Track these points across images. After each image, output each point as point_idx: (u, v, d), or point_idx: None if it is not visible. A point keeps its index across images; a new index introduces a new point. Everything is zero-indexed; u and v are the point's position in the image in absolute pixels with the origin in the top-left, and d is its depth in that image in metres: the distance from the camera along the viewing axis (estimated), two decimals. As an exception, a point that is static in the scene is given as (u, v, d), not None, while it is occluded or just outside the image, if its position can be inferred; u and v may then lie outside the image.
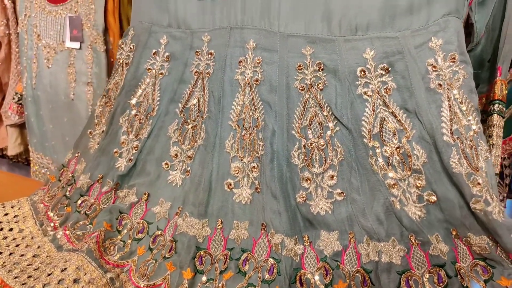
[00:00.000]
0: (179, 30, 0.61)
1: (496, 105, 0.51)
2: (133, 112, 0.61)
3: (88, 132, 0.67)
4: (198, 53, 0.58)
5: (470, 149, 0.46)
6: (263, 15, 0.54)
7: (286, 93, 0.52)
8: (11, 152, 1.58)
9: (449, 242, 0.49)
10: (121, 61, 0.66)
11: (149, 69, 0.62)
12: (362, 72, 0.49)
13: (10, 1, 1.46)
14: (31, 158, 1.54)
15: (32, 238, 0.62)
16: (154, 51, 0.62)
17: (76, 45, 1.38)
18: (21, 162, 1.66)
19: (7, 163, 1.90)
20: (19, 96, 1.51)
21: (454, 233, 0.48)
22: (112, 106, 0.64)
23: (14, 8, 1.48)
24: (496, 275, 0.47)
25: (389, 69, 0.48)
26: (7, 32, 1.49)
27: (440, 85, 0.47)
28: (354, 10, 0.49)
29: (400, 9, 0.48)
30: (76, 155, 0.67)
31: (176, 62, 0.60)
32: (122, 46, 0.66)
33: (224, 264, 0.54)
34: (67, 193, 0.66)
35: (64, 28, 1.38)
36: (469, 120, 0.47)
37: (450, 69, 0.47)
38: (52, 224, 0.64)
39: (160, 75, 0.60)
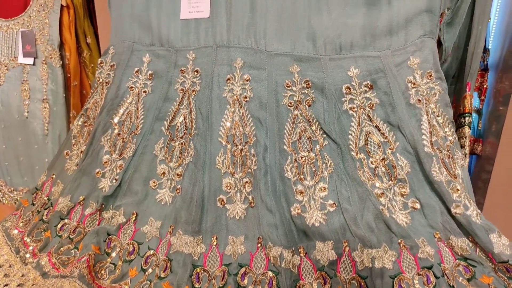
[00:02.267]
0: (163, 49, 0.61)
1: (467, 118, 0.56)
2: (116, 131, 0.60)
3: (65, 153, 0.65)
4: (183, 71, 0.59)
5: (448, 158, 0.51)
6: (249, 34, 0.56)
7: (276, 109, 0.54)
8: (-42, 175, 1.47)
9: (434, 245, 0.53)
10: (100, 80, 0.65)
11: (132, 87, 0.61)
12: (347, 89, 0.52)
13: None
14: (-19, 181, 1.45)
15: (10, 267, 0.59)
16: (136, 69, 0.62)
17: (30, 60, 1.32)
18: (-31, 185, 1.55)
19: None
20: (-34, 115, 1.42)
21: (437, 236, 0.53)
22: (91, 126, 0.63)
23: (-42, 22, 1.39)
24: (478, 273, 0.51)
25: (372, 86, 0.52)
26: (-49, 47, 1.40)
27: (419, 100, 0.51)
28: (337, 30, 0.52)
29: (380, 30, 0.52)
30: (51, 177, 0.65)
31: (160, 80, 0.60)
32: (102, 65, 0.65)
33: (222, 280, 0.55)
34: (44, 217, 0.63)
35: (16, 43, 1.32)
36: (446, 131, 0.52)
37: (427, 85, 0.52)
38: (30, 250, 0.61)
39: (144, 93, 0.60)
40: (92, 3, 1.39)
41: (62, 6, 1.30)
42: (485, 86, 1.40)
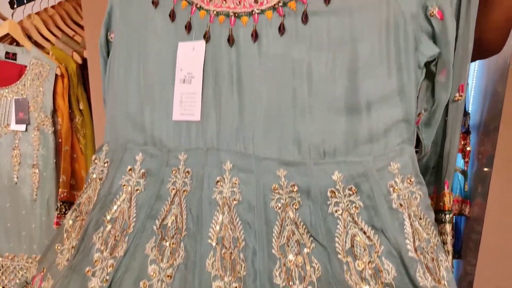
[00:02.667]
0: (155, 148, 0.63)
1: (447, 216, 0.58)
2: (108, 228, 0.61)
3: (56, 247, 0.65)
4: (174, 171, 0.61)
5: (432, 262, 0.52)
6: (238, 139, 0.58)
7: (264, 212, 0.55)
8: None
9: None
10: (94, 175, 0.66)
11: (125, 185, 0.63)
12: (332, 193, 0.54)
13: None
14: (-34, 247, 1.42)
15: None
16: (129, 167, 0.63)
17: (22, 127, 1.34)
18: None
19: None
20: (-45, 180, 1.41)
21: None
22: (83, 221, 0.64)
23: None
24: None
25: (356, 190, 0.54)
26: None
27: (401, 204, 0.53)
28: (321, 136, 0.55)
29: (361, 137, 0.55)
30: (41, 271, 0.65)
31: (152, 178, 0.62)
32: (96, 161, 0.67)
33: None
34: (32, 314, 0.63)
35: (10, 111, 1.34)
36: (428, 234, 0.54)
37: (408, 190, 0.54)
38: None
39: (136, 191, 0.61)
40: (86, 70, 1.43)
41: (56, 75, 1.33)
42: (468, 148, 1.44)
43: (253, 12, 0.59)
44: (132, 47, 0.66)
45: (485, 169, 1.40)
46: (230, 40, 0.60)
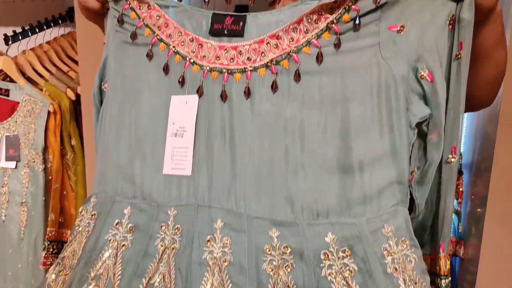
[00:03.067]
0: (144, 202, 0.61)
1: (443, 281, 0.57)
2: (91, 286, 0.59)
3: (38, 303, 0.63)
4: (163, 227, 0.59)
5: None
6: (229, 196, 0.57)
7: (256, 275, 0.54)
8: None
9: None
10: (80, 228, 0.65)
11: (111, 239, 0.61)
12: (325, 255, 0.53)
13: None
14: (-51, 287, 1.38)
15: None
16: (117, 221, 0.62)
17: (12, 164, 1.33)
18: None
19: None
20: None
21: None
22: (67, 276, 0.62)
23: None
24: None
25: (350, 252, 0.53)
26: None
27: (396, 269, 0.52)
28: (314, 195, 0.55)
29: (355, 198, 0.54)
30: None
31: (140, 234, 0.60)
32: (83, 213, 0.65)
33: None
34: None
35: (0, 147, 1.33)
36: None
37: (403, 253, 0.53)
38: None
39: (123, 247, 0.60)
40: (79, 105, 1.42)
41: (49, 112, 1.33)
42: (461, 189, 1.43)
43: (246, 69, 0.59)
44: (125, 98, 0.66)
45: (479, 209, 1.40)
46: (223, 96, 0.60)
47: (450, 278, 0.58)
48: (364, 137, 0.55)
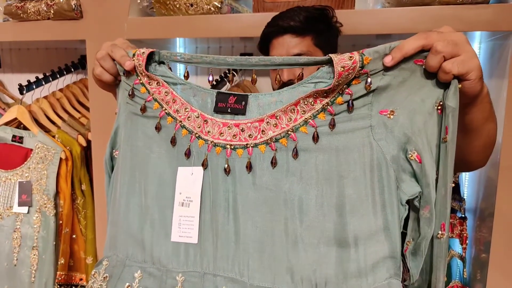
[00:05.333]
0: (154, 267, 0.65)
1: None
2: None
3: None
4: None
5: None
6: (234, 265, 0.60)
7: None
8: None
9: None
10: (92, 290, 0.68)
11: None
12: None
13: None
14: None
15: None
16: (127, 284, 0.65)
17: (24, 209, 1.37)
18: None
19: None
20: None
21: None
22: None
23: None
24: None
25: None
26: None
27: None
28: (312, 266, 0.58)
29: (351, 271, 0.57)
30: None
31: None
32: (95, 275, 0.69)
33: None
34: None
35: (13, 193, 1.37)
36: None
37: None
38: None
39: None
40: (89, 151, 1.47)
41: (61, 158, 1.37)
42: (465, 234, 1.44)
43: (248, 146, 0.63)
44: (135, 167, 0.70)
45: (483, 255, 1.40)
46: (227, 170, 0.63)
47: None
48: (359, 213, 0.59)
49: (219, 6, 1.19)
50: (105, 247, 0.72)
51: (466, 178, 1.50)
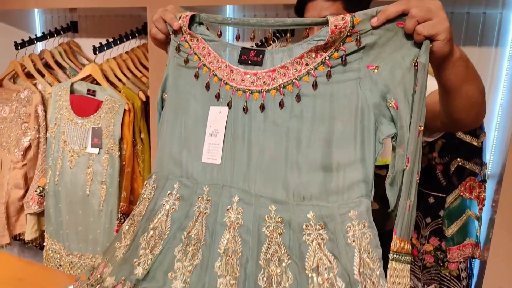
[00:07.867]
0: (188, 180, 0.85)
1: (390, 255, 0.73)
2: (150, 234, 0.84)
3: (116, 244, 0.90)
4: (200, 198, 0.83)
5: (372, 285, 0.70)
6: (245, 181, 0.79)
7: (257, 234, 0.76)
8: (28, 237, 1.78)
9: None
10: (144, 195, 0.91)
11: (164, 204, 0.87)
12: (306, 226, 0.74)
13: (42, 111, 1.74)
14: (45, 244, 1.74)
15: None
16: (169, 192, 0.87)
17: (96, 150, 1.64)
18: (35, 246, 1.85)
19: (19, 245, 2.07)
20: (41, 189, 1.74)
21: None
22: (135, 227, 0.88)
23: (45, 116, 1.76)
24: None
25: (324, 226, 0.73)
26: (38, 136, 1.76)
27: (354, 241, 0.71)
28: (303, 185, 0.75)
29: (331, 189, 0.74)
30: (105, 260, 0.90)
31: (184, 202, 0.85)
32: (147, 185, 0.91)
33: None
34: (95, 290, 0.88)
35: (87, 136, 1.64)
36: (374, 265, 0.72)
37: (361, 231, 0.72)
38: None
39: (172, 210, 0.85)
40: (148, 105, 1.72)
41: (125, 110, 1.63)
42: (482, 196, 1.52)
43: (262, 91, 0.81)
44: (178, 106, 0.91)
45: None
46: (245, 109, 0.82)
47: (399, 254, 0.74)
48: (342, 147, 0.74)
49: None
50: (154, 166, 0.95)
51: (493, 146, 1.57)
